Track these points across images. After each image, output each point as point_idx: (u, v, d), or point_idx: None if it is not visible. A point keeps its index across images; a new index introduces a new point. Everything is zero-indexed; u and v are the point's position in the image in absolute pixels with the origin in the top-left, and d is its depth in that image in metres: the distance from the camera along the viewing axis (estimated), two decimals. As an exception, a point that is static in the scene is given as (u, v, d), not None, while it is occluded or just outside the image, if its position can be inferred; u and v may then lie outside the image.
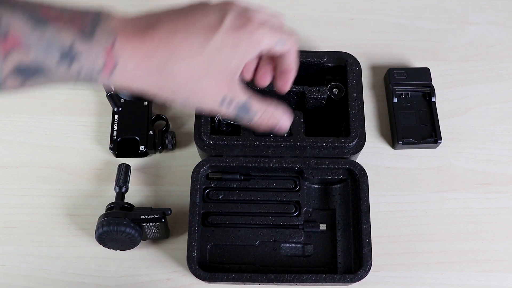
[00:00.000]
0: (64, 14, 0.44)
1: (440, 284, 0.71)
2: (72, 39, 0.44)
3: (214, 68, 0.48)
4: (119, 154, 0.77)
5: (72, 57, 0.45)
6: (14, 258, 0.72)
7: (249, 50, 0.49)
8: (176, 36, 0.47)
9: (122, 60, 0.46)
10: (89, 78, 0.46)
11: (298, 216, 0.71)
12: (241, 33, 0.49)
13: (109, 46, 0.45)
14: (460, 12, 0.87)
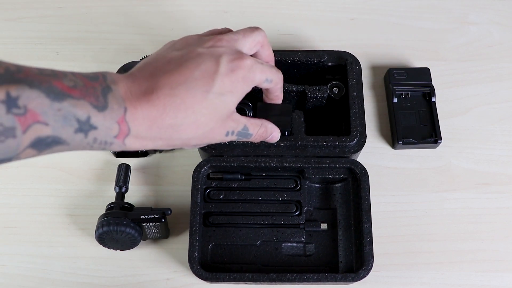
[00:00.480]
0: (76, 87, 0.48)
1: (440, 284, 0.71)
2: (88, 112, 0.47)
3: (218, 111, 0.53)
4: (119, 154, 0.77)
5: (88, 129, 0.48)
6: (14, 258, 0.72)
7: (245, 88, 0.54)
8: (178, 92, 0.51)
9: (134, 126, 0.50)
10: (104, 144, 0.49)
11: (299, 215, 0.71)
12: (237, 75, 0.53)
13: (121, 116, 0.49)
14: (460, 12, 0.88)
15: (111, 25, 0.87)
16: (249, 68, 0.54)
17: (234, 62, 0.53)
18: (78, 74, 0.49)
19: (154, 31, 0.86)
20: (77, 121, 0.47)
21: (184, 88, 0.51)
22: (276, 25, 0.87)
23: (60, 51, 0.85)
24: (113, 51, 0.84)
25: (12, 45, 0.85)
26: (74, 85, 0.48)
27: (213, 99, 0.52)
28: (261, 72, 0.55)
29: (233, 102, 0.54)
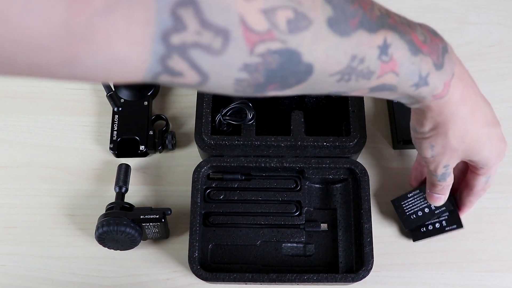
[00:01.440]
0: (426, 43, 0.50)
1: (440, 284, 0.71)
2: (429, 69, 0.50)
3: (467, 143, 0.58)
4: (119, 154, 0.77)
5: (422, 84, 0.51)
6: (14, 258, 0.72)
7: (492, 161, 0.62)
8: (480, 104, 0.57)
9: (451, 92, 0.53)
10: (418, 97, 0.53)
11: (299, 215, 0.71)
12: (501, 147, 0.61)
13: (448, 80, 0.52)
14: (460, 12, 0.87)
15: (111, 25, 0.86)
16: None
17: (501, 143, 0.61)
18: (424, 26, 0.52)
19: (154, 31, 0.86)
20: (419, 76, 0.50)
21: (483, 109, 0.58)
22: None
23: (60, 51, 0.85)
24: (113, 51, 0.84)
25: (12, 45, 0.85)
26: (424, 39, 0.50)
27: (483, 133, 0.58)
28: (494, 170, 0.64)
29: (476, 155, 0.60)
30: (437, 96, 0.53)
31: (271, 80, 0.41)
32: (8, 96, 0.82)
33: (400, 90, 0.51)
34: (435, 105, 0.55)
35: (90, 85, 0.82)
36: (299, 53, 0.40)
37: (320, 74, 0.43)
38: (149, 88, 0.79)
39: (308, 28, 0.39)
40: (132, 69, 0.34)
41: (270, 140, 0.71)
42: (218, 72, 0.37)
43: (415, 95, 0.52)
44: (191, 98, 0.79)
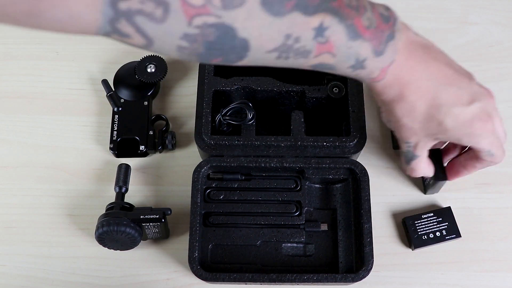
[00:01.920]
0: (369, 29, 0.52)
1: (440, 284, 0.71)
2: (366, 55, 0.53)
3: (434, 123, 0.58)
4: (119, 154, 0.77)
5: (358, 67, 0.54)
6: (14, 258, 0.72)
7: (466, 140, 0.60)
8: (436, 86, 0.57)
9: (387, 79, 0.56)
10: (357, 77, 0.57)
11: (299, 215, 0.71)
12: (473, 125, 0.58)
13: (387, 65, 0.55)
14: (460, 12, 0.87)
15: (111, 25, 0.86)
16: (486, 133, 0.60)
17: (483, 116, 0.59)
18: (376, 8, 0.54)
19: (154, 31, 0.86)
20: (356, 60, 0.53)
21: (442, 87, 0.57)
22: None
23: (60, 51, 0.85)
24: (113, 51, 0.84)
25: (12, 45, 0.85)
26: (369, 25, 0.52)
27: (444, 114, 0.58)
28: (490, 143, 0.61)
29: (448, 133, 0.59)
30: (374, 79, 0.57)
31: (212, 53, 0.46)
32: (8, 96, 0.82)
33: (339, 70, 0.55)
34: (374, 86, 0.58)
35: (90, 85, 0.82)
36: (234, 28, 0.44)
37: (257, 50, 0.48)
38: (149, 88, 0.79)
39: (241, 6, 0.43)
40: (85, 25, 0.41)
41: (270, 140, 0.71)
42: (161, 38, 0.43)
43: (354, 76, 0.56)
44: (191, 98, 0.79)
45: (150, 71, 0.78)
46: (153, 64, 0.78)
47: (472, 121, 0.58)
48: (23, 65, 0.84)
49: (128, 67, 0.80)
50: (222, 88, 0.74)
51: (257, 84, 0.74)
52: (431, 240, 0.71)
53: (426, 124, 0.59)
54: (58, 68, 0.84)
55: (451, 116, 0.58)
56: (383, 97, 0.59)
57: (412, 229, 0.71)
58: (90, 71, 0.83)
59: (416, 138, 0.61)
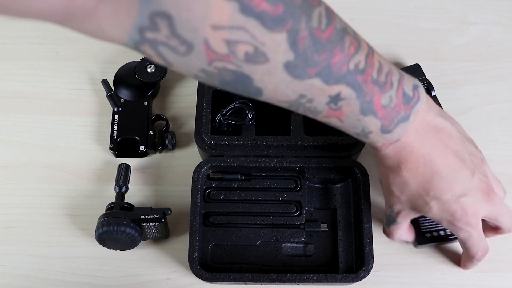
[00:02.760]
0: (386, 108, 0.53)
1: (440, 284, 0.71)
2: (373, 129, 0.55)
3: (421, 201, 0.60)
4: (119, 154, 0.77)
5: (363, 135, 0.56)
6: (14, 258, 0.72)
7: (445, 225, 0.62)
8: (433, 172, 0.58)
9: (387, 152, 0.58)
10: (360, 140, 0.58)
11: (299, 215, 0.71)
12: (455, 216, 0.60)
13: (391, 143, 0.56)
14: (460, 12, 0.87)
15: (111, 25, 0.86)
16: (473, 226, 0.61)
17: (484, 191, 0.60)
18: (402, 86, 0.54)
19: (154, 31, 0.86)
20: (362, 130, 0.55)
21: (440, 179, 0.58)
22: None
23: (60, 51, 0.85)
24: (113, 51, 0.84)
25: (12, 45, 0.85)
26: (388, 104, 0.53)
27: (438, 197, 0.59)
28: (489, 211, 0.62)
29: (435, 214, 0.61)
30: (375, 148, 0.58)
31: (225, 87, 0.48)
32: (8, 96, 0.82)
33: (344, 130, 0.56)
34: (375, 152, 0.60)
35: (90, 85, 0.82)
36: (251, 78, 0.46)
37: (269, 98, 0.50)
38: (149, 88, 0.79)
39: (263, 64, 0.45)
40: (113, 40, 0.43)
41: (270, 140, 0.71)
42: (181, 66, 0.45)
43: (358, 139, 0.58)
44: (191, 98, 0.79)
45: (150, 71, 0.78)
46: (153, 64, 0.78)
47: (455, 213, 0.60)
48: (23, 65, 0.84)
49: (128, 67, 0.80)
50: (222, 88, 0.74)
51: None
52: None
53: (413, 200, 0.60)
54: (58, 68, 0.84)
55: (438, 201, 0.59)
56: (381, 161, 0.61)
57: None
58: (90, 71, 0.83)
59: (400, 207, 0.63)
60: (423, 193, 0.59)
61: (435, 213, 0.60)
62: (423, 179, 0.58)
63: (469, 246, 0.64)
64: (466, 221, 0.60)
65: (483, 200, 0.60)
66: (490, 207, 0.61)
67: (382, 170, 0.62)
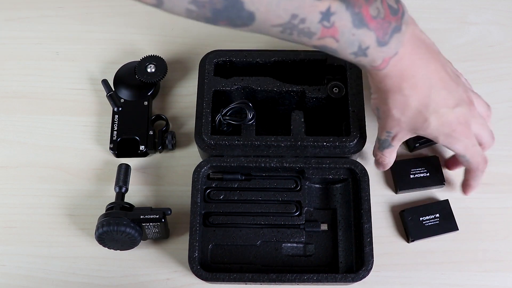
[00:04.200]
0: (376, 19, 0.54)
1: (440, 284, 0.71)
2: (370, 43, 0.55)
3: (420, 118, 0.62)
4: (119, 154, 0.77)
5: (360, 54, 0.56)
6: (14, 258, 0.72)
7: (442, 139, 0.64)
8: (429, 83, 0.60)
9: (388, 69, 0.58)
10: (359, 63, 0.59)
11: (299, 215, 0.71)
12: (451, 127, 0.62)
13: (390, 56, 0.57)
14: (460, 12, 0.87)
15: (111, 25, 0.86)
16: (462, 135, 0.63)
17: (463, 120, 0.62)
18: (389, 1, 0.55)
19: (154, 31, 0.86)
20: (358, 47, 0.55)
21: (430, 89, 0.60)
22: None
23: (60, 51, 0.85)
24: (113, 51, 0.84)
25: (12, 45, 0.85)
26: (376, 15, 0.54)
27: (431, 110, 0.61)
28: (465, 148, 0.64)
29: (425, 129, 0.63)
30: (375, 67, 0.59)
31: (218, 18, 0.48)
32: (8, 96, 0.82)
33: (341, 54, 0.56)
34: (375, 74, 0.60)
35: (90, 85, 0.82)
36: (241, 1, 0.47)
37: (262, 22, 0.50)
38: (149, 88, 0.79)
39: None
40: None
41: (270, 140, 0.71)
42: (171, 0, 0.46)
43: (356, 62, 0.58)
44: (191, 98, 0.79)
45: (150, 71, 0.78)
46: (153, 64, 0.78)
47: (451, 123, 0.62)
48: (23, 65, 0.84)
49: (128, 67, 0.80)
50: (222, 88, 0.74)
51: (257, 84, 0.74)
52: (428, 232, 0.71)
53: (412, 118, 0.62)
54: (58, 68, 0.84)
55: (437, 115, 0.61)
56: (380, 85, 0.61)
57: (409, 219, 0.72)
58: (90, 71, 0.83)
59: (398, 130, 0.65)
60: (423, 109, 0.61)
61: (433, 128, 0.62)
62: (422, 95, 0.60)
63: (469, 157, 0.66)
64: (462, 131, 0.63)
65: (470, 111, 0.64)
66: (475, 118, 0.64)
67: (381, 95, 0.63)
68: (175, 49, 0.84)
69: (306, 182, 0.73)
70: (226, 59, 0.76)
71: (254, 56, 0.76)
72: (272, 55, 0.76)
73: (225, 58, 0.76)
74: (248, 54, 0.76)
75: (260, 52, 0.76)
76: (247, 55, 0.76)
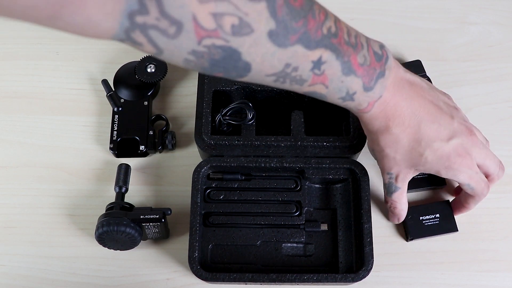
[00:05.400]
0: (363, 66, 0.56)
1: (440, 284, 0.71)
2: (357, 89, 0.57)
3: (416, 154, 0.63)
4: (119, 154, 0.77)
5: (348, 99, 0.59)
6: (14, 258, 0.72)
7: (444, 173, 0.64)
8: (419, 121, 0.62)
9: (373, 111, 0.61)
10: (348, 108, 0.61)
11: (299, 215, 0.71)
12: (450, 159, 0.62)
13: (375, 99, 0.59)
14: (460, 12, 0.87)
15: (111, 25, 0.86)
16: (464, 166, 0.63)
17: (461, 152, 0.63)
18: (371, 46, 0.58)
19: (154, 31, 0.86)
20: (346, 92, 0.58)
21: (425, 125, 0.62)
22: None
23: (60, 51, 0.85)
24: (113, 51, 0.84)
25: (12, 45, 0.85)
26: (363, 62, 0.56)
27: (427, 148, 0.62)
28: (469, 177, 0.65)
29: (427, 166, 0.64)
30: (361, 110, 0.61)
31: (215, 68, 0.50)
32: (8, 96, 0.82)
33: (329, 99, 0.59)
34: (362, 116, 0.62)
35: (90, 85, 0.82)
36: (239, 52, 0.48)
37: (257, 73, 0.51)
38: (149, 88, 0.79)
39: (249, 34, 0.47)
40: (102, 32, 0.43)
41: (270, 140, 0.71)
42: (171, 50, 0.46)
43: (343, 106, 0.60)
44: (191, 98, 0.79)
45: (150, 71, 0.78)
46: (153, 64, 0.78)
47: (449, 156, 0.63)
48: (23, 65, 0.84)
49: (128, 67, 0.80)
50: (222, 88, 0.74)
51: (257, 84, 0.74)
52: (428, 231, 0.72)
53: (407, 155, 0.63)
54: (58, 68, 0.84)
55: (431, 149, 0.62)
56: (369, 127, 0.63)
57: (409, 218, 0.72)
58: (90, 71, 0.83)
59: (397, 169, 0.65)
60: (416, 145, 0.62)
61: (432, 162, 0.63)
62: (412, 131, 0.62)
63: (474, 185, 0.66)
64: (462, 162, 0.63)
65: (469, 141, 0.64)
66: (476, 148, 0.64)
67: (372, 137, 0.64)
68: (175, 49, 0.84)
69: (306, 182, 0.73)
70: (226, 59, 0.76)
71: (254, 56, 0.75)
72: (272, 55, 0.75)
73: (225, 58, 0.76)
74: (248, 54, 0.76)
75: (260, 52, 0.76)
76: (247, 55, 0.76)
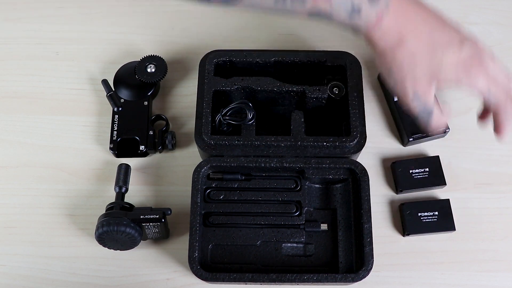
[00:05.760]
0: None
1: (440, 284, 0.71)
2: (362, 2, 0.57)
3: (435, 61, 0.61)
4: (119, 154, 0.77)
5: (355, 13, 0.57)
6: (14, 258, 0.72)
7: (466, 81, 0.62)
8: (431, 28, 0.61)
9: (384, 25, 0.59)
10: (355, 25, 0.60)
11: (299, 215, 0.71)
12: (467, 63, 0.61)
13: (382, 10, 0.58)
14: (460, 12, 0.87)
15: (111, 25, 0.86)
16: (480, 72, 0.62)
17: (474, 60, 0.61)
18: None
19: (154, 31, 0.86)
20: (352, 7, 0.57)
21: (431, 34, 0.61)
22: (276, 25, 0.86)
23: (60, 51, 0.85)
24: (113, 51, 0.84)
25: (12, 45, 0.85)
26: None
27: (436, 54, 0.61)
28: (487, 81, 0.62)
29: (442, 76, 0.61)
30: (372, 26, 0.59)
31: None
32: (8, 96, 0.82)
33: (336, 17, 0.58)
34: (373, 35, 0.61)
35: (90, 85, 0.82)
36: None
37: None
38: (149, 88, 0.79)
39: None
40: None
41: (270, 140, 0.71)
42: None
43: (351, 24, 0.59)
44: (191, 98, 0.79)
45: (150, 71, 0.78)
46: (153, 64, 0.78)
47: (465, 60, 0.61)
48: (23, 65, 0.84)
49: (128, 67, 0.80)
50: (222, 88, 0.74)
51: (257, 84, 0.74)
52: (425, 228, 0.72)
53: (426, 65, 0.61)
54: (58, 68, 0.84)
55: (448, 54, 0.61)
56: (383, 43, 0.61)
57: (407, 213, 0.72)
58: (90, 71, 0.83)
59: (421, 87, 0.62)
60: (432, 53, 0.61)
61: (451, 69, 0.61)
62: (426, 37, 0.61)
63: (495, 90, 0.63)
64: (479, 63, 0.62)
65: (478, 47, 0.63)
66: (485, 52, 0.63)
67: (389, 56, 0.62)
68: (175, 49, 0.84)
69: (306, 182, 0.73)
70: (226, 59, 0.76)
71: (254, 56, 0.76)
72: (272, 55, 0.76)
73: (225, 58, 0.76)
74: (248, 54, 0.76)
75: (260, 52, 0.76)
76: (247, 55, 0.76)
